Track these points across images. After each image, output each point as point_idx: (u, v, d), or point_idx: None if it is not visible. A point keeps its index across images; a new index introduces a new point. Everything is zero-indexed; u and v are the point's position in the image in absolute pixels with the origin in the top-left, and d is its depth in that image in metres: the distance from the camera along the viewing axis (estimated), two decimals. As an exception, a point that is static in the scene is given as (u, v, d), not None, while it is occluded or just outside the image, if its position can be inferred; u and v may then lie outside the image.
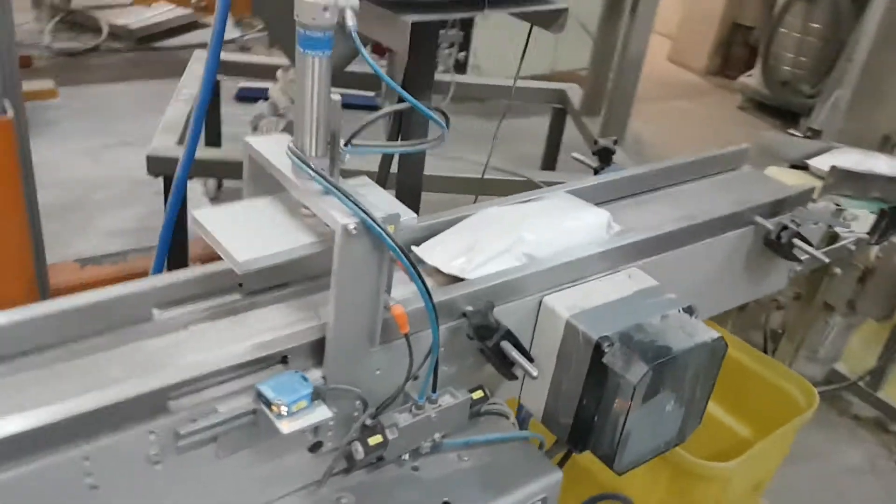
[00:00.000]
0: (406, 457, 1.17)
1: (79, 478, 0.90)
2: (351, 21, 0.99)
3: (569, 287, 1.32)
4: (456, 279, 1.23)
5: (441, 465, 1.21)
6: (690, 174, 1.81)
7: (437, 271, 1.26)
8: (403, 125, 2.30)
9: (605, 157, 1.66)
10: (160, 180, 2.66)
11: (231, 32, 5.90)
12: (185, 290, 1.14)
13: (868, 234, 1.87)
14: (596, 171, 1.69)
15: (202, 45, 3.58)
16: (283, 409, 0.96)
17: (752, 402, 1.45)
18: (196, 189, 3.83)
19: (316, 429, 1.08)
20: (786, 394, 2.06)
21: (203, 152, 2.73)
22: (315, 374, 1.05)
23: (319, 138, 1.01)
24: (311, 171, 0.97)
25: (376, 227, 0.95)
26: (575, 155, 1.70)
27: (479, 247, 1.28)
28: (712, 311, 1.71)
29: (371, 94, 3.59)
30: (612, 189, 1.65)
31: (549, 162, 3.68)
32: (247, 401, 1.00)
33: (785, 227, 1.56)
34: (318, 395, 1.00)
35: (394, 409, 1.13)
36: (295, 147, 1.03)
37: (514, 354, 1.15)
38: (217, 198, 3.69)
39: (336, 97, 0.98)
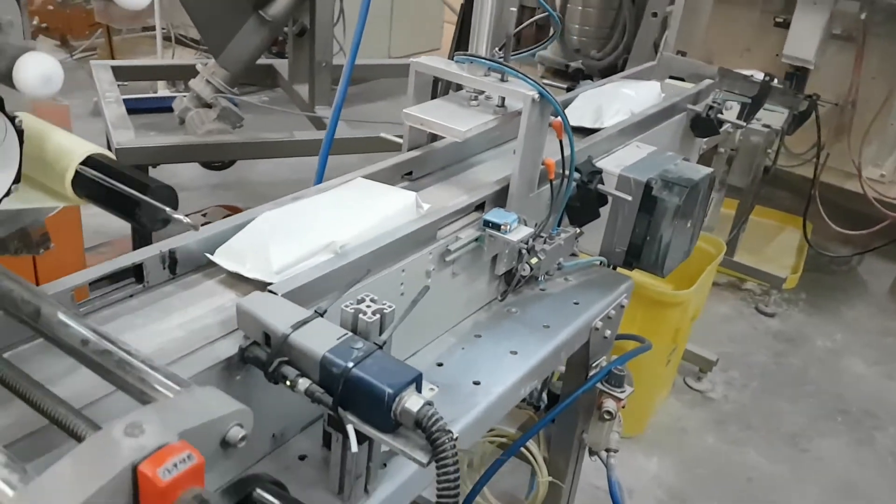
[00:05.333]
0: (541, 278, 1.64)
1: (397, 285, 1.29)
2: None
3: (604, 157, 1.85)
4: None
5: (558, 286, 1.70)
6: (622, 86, 2.41)
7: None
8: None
9: (575, 77, 2.21)
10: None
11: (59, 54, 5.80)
12: (380, 178, 1.54)
13: (738, 118, 2.59)
14: (569, 88, 2.24)
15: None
16: (508, 227, 1.41)
17: (672, 261, 2.03)
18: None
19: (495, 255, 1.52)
20: (697, 249, 2.76)
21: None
22: (502, 214, 1.50)
23: (490, 43, 1.46)
24: (503, 66, 1.41)
25: (548, 94, 1.42)
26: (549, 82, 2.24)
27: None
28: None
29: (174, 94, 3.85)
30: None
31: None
32: (471, 231, 1.43)
33: (711, 107, 2.22)
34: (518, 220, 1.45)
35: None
36: (468, 55, 1.47)
37: (611, 189, 1.66)
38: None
39: (513, 8, 1.43)
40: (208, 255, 1.21)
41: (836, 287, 3.92)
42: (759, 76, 2.67)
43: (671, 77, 2.76)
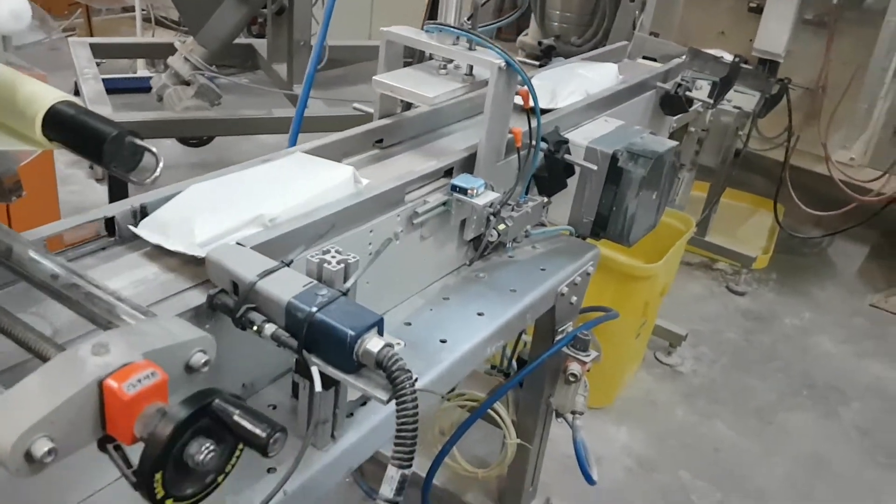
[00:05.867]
0: (509, 245, 1.69)
1: (366, 245, 1.33)
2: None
3: (573, 130, 1.89)
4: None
5: (525, 253, 1.74)
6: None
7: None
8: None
9: (547, 53, 2.25)
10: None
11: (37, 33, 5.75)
12: (350, 144, 1.57)
13: (708, 97, 2.64)
14: (541, 65, 2.28)
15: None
16: (475, 192, 1.45)
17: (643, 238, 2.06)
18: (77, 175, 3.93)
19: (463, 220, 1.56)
20: (667, 225, 2.82)
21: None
22: (470, 180, 1.54)
23: (459, 13, 1.50)
24: (472, 35, 1.45)
25: (514, 63, 1.46)
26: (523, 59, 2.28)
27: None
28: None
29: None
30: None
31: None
32: (439, 196, 1.46)
33: (680, 85, 2.27)
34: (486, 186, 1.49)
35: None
36: (438, 24, 1.50)
37: (577, 159, 1.71)
38: (104, 177, 3.80)
39: (479, -18, 1.47)
40: (131, 228, 1.15)
41: (805, 268, 4.01)
42: (729, 57, 2.72)
43: (644, 57, 2.82)
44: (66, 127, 0.81)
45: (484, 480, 2.13)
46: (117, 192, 3.09)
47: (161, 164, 0.83)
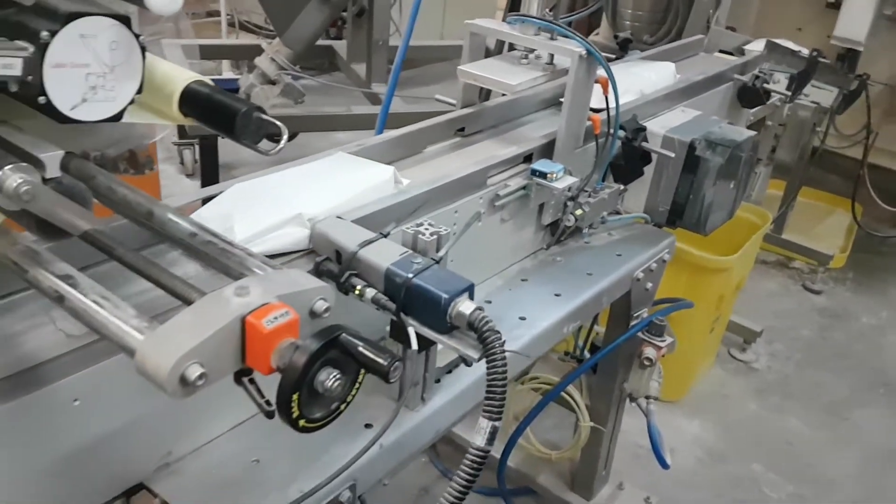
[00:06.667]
0: (585, 230, 1.74)
1: (451, 225, 1.40)
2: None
3: (650, 119, 1.94)
4: None
5: (601, 239, 1.79)
6: (671, 57, 2.49)
7: None
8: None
9: (624, 46, 2.29)
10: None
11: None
12: (434, 133, 1.66)
13: (786, 90, 2.63)
14: (617, 58, 2.32)
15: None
16: (554, 176, 1.52)
17: (718, 231, 2.07)
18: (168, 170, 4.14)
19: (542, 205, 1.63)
20: (743, 220, 2.83)
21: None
22: (549, 166, 1.60)
23: (540, 7, 1.57)
24: (555, 25, 1.52)
25: (595, 51, 1.52)
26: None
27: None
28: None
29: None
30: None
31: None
32: (519, 180, 1.53)
33: (757, 77, 2.28)
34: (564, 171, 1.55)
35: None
36: (520, 15, 1.58)
37: (654, 147, 1.75)
38: (193, 173, 4.00)
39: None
40: None
41: (884, 267, 3.92)
42: (806, 51, 2.71)
43: (720, 51, 2.83)
44: (200, 104, 0.91)
45: (557, 462, 2.18)
46: (209, 183, 3.26)
47: (286, 136, 0.92)
